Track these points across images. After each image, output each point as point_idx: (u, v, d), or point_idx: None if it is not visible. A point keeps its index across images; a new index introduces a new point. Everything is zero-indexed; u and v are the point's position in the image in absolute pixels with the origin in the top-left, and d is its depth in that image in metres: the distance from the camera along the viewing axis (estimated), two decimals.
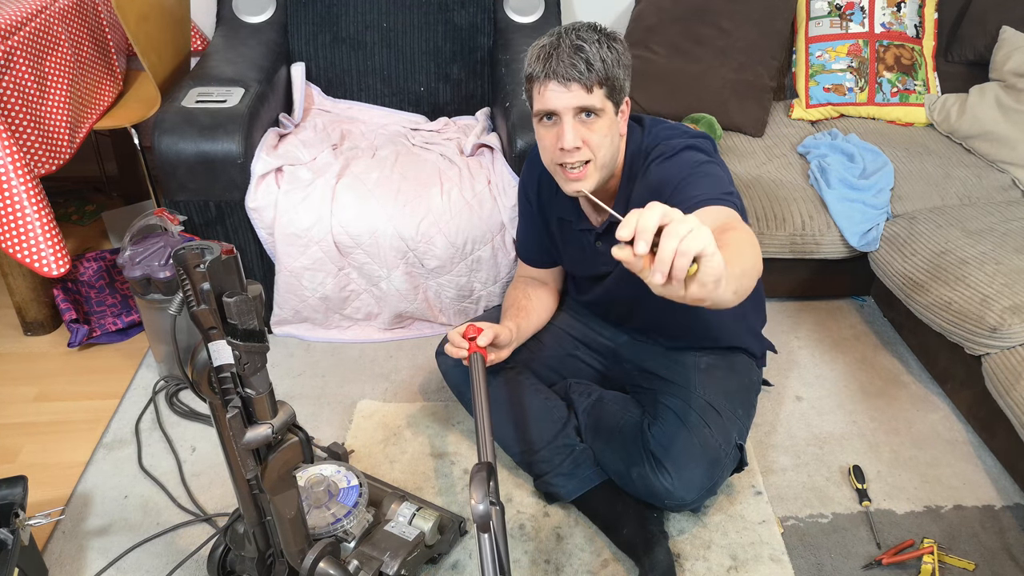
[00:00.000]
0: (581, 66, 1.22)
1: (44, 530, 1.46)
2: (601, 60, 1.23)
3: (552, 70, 1.23)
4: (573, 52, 1.22)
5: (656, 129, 1.39)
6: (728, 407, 1.46)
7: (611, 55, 1.24)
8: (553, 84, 1.24)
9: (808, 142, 2.23)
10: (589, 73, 1.22)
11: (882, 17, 2.35)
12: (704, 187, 1.23)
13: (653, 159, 1.33)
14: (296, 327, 2.01)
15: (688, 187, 1.25)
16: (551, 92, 1.25)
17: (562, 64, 1.22)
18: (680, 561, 1.43)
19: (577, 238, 1.49)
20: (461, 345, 1.44)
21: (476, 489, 1.09)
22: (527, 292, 1.62)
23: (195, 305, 0.93)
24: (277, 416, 1.03)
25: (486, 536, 1.11)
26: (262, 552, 1.21)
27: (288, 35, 2.28)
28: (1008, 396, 1.54)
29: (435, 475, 1.61)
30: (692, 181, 1.25)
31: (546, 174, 1.46)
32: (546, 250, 1.60)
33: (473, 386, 1.36)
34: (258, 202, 1.83)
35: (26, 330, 2.00)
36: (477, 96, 2.35)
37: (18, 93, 1.72)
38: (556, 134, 1.28)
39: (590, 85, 1.23)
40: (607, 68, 1.24)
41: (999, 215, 1.93)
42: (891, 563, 1.44)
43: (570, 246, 1.54)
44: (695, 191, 1.23)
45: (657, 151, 1.34)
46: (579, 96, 1.24)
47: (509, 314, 1.58)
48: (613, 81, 1.25)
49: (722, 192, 1.22)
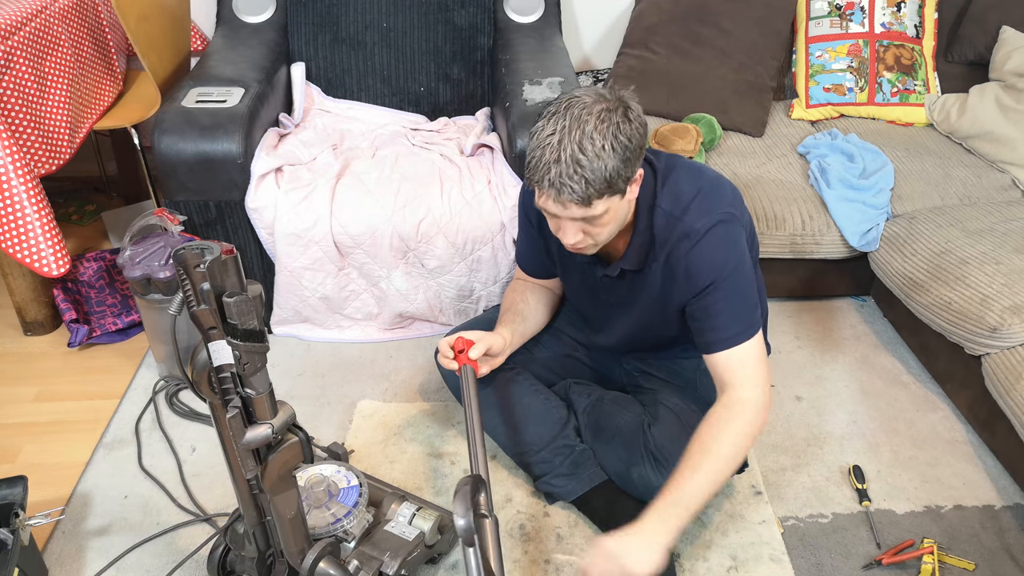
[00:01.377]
0: (579, 185, 1.13)
1: (44, 530, 1.46)
2: (604, 172, 1.13)
3: (550, 183, 1.14)
4: (574, 170, 1.12)
5: (671, 179, 1.32)
6: None
7: (616, 158, 1.13)
8: (551, 197, 1.16)
9: (808, 142, 2.23)
10: (588, 191, 1.13)
11: (882, 17, 2.35)
12: (731, 316, 1.29)
13: (679, 239, 1.28)
14: (296, 327, 2.01)
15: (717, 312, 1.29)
16: (549, 203, 1.18)
17: (560, 182, 1.13)
18: (680, 561, 1.43)
19: (579, 267, 1.46)
20: (449, 355, 1.44)
21: (459, 503, 1.08)
22: (525, 296, 1.60)
23: (195, 305, 0.93)
24: (277, 416, 1.03)
25: (471, 550, 1.10)
26: (262, 552, 1.21)
27: (288, 35, 2.28)
28: (1008, 396, 1.54)
29: (435, 475, 1.61)
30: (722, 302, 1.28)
31: None
32: (544, 266, 1.57)
33: (464, 399, 1.35)
34: (258, 202, 1.83)
35: (26, 330, 2.00)
36: (477, 96, 2.35)
37: (18, 93, 1.72)
38: (557, 225, 1.24)
39: (588, 201, 1.15)
40: (610, 178, 1.14)
41: (999, 215, 1.93)
42: (891, 563, 1.44)
43: (571, 272, 1.51)
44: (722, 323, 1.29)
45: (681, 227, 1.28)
46: (577, 211, 1.17)
47: (505, 319, 1.56)
48: (618, 184, 1.16)
49: (747, 320, 1.30)
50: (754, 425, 1.28)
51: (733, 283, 1.28)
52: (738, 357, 1.30)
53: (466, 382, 1.38)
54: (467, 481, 1.12)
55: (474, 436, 1.28)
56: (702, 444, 1.26)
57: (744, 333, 1.30)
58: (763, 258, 1.99)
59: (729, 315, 1.29)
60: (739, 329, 1.30)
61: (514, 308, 1.58)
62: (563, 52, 2.24)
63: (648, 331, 1.44)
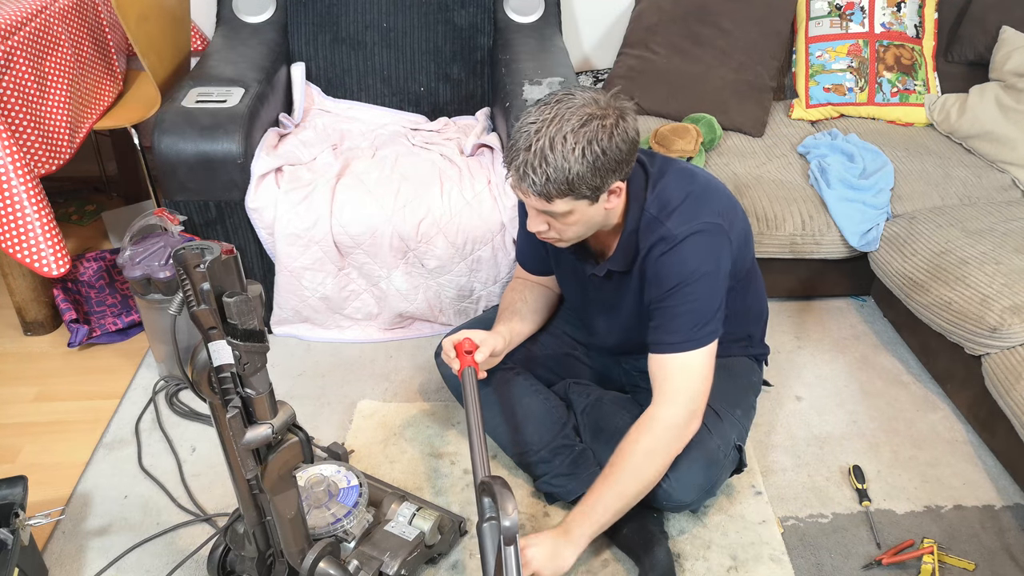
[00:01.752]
0: (540, 179, 1.15)
1: (44, 530, 1.46)
2: (566, 173, 1.14)
3: (515, 169, 1.18)
4: (539, 162, 1.14)
5: (663, 183, 1.31)
6: (727, 409, 1.45)
7: (583, 165, 1.14)
8: (514, 182, 1.20)
9: (808, 142, 2.23)
10: (547, 187, 1.15)
11: (882, 17, 2.35)
12: (681, 323, 1.29)
13: (656, 242, 1.29)
14: (296, 327, 2.01)
15: (669, 315, 1.29)
16: (518, 190, 1.22)
17: (522, 170, 1.16)
18: (680, 561, 1.43)
19: (570, 261, 1.47)
20: (452, 355, 1.44)
21: (508, 500, 1.07)
22: (523, 295, 1.61)
23: (195, 305, 0.93)
24: (277, 416, 1.03)
25: (512, 549, 1.08)
26: (262, 552, 1.21)
27: (288, 35, 2.28)
28: (1008, 396, 1.54)
29: (435, 475, 1.61)
30: (678, 307, 1.28)
31: None
32: (542, 261, 1.59)
33: (466, 402, 1.34)
34: (258, 202, 1.83)
35: (26, 330, 2.00)
36: (477, 96, 2.35)
37: (18, 93, 1.72)
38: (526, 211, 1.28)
39: (549, 198, 1.17)
40: (572, 181, 1.15)
41: (999, 215, 1.93)
42: (891, 563, 1.44)
43: (563, 265, 1.53)
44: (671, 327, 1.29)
45: (661, 231, 1.28)
46: (537, 203, 1.20)
47: (503, 317, 1.57)
48: (581, 189, 1.17)
49: (696, 332, 1.29)
50: (665, 443, 1.31)
51: (694, 291, 1.28)
52: (674, 365, 1.30)
53: (467, 385, 1.38)
54: (499, 481, 1.11)
55: (475, 438, 1.28)
56: (619, 456, 1.31)
57: (687, 343, 1.29)
58: (763, 258, 1.99)
59: (679, 321, 1.29)
60: (684, 337, 1.29)
61: (513, 307, 1.58)
62: (563, 52, 2.24)
63: (637, 333, 1.44)
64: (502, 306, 1.61)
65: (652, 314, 1.33)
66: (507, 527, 1.06)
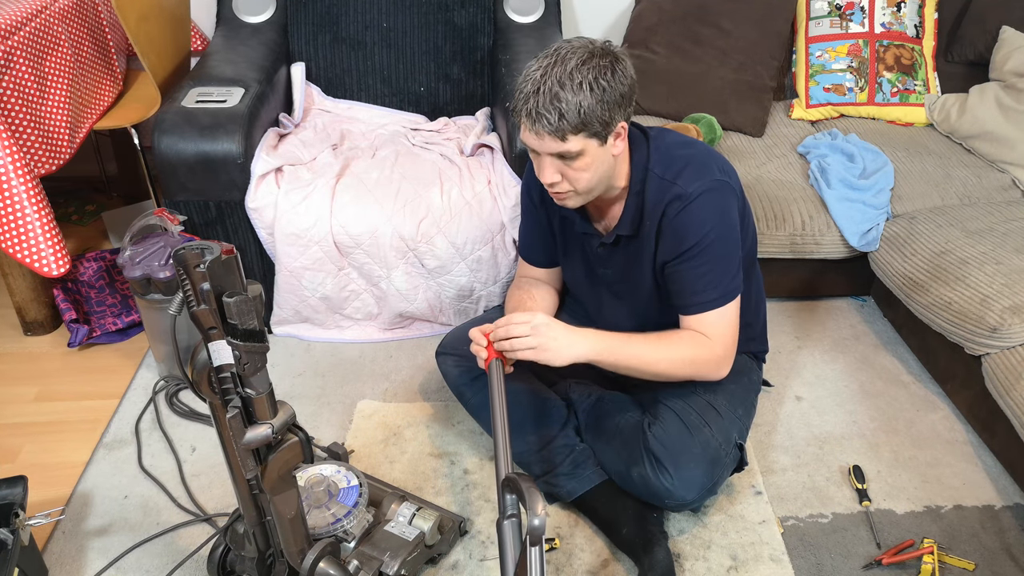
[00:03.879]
0: (553, 117, 1.18)
1: (44, 530, 1.46)
2: (578, 107, 1.18)
3: (527, 113, 1.21)
4: (550, 101, 1.18)
5: (663, 145, 1.36)
6: (728, 407, 1.46)
7: (593, 97, 1.19)
8: (527, 127, 1.23)
9: (808, 142, 2.23)
10: (561, 123, 1.19)
11: (882, 17, 2.35)
12: (711, 281, 1.33)
13: (671, 201, 1.31)
14: (296, 327, 2.01)
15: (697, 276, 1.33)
16: (527, 134, 1.24)
17: (536, 112, 1.19)
18: (680, 561, 1.43)
19: (577, 239, 1.49)
20: (483, 344, 1.39)
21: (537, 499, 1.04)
22: (531, 293, 1.61)
23: (195, 305, 0.93)
24: (277, 416, 1.03)
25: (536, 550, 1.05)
26: (262, 552, 1.21)
27: (288, 35, 2.28)
28: (1008, 396, 1.54)
29: (435, 475, 1.61)
30: (703, 266, 1.32)
31: None
32: (548, 250, 1.59)
33: (492, 395, 1.32)
34: (258, 202, 1.83)
35: (26, 330, 2.00)
36: (477, 96, 2.35)
37: (18, 93, 1.72)
38: (538, 163, 1.28)
39: (563, 135, 1.20)
40: (584, 115, 1.19)
41: (999, 215, 1.93)
42: (891, 563, 1.44)
43: (570, 246, 1.53)
44: (701, 287, 1.34)
45: (674, 190, 1.31)
46: (554, 144, 1.22)
47: None
48: (593, 124, 1.21)
49: (726, 286, 1.34)
50: (704, 363, 1.37)
51: (716, 248, 1.32)
52: (710, 320, 1.36)
53: (494, 377, 1.35)
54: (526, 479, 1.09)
55: (500, 431, 1.27)
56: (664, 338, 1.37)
57: (721, 299, 1.35)
58: (763, 258, 1.99)
59: (708, 280, 1.34)
60: (717, 295, 1.34)
61: (522, 306, 1.57)
62: None
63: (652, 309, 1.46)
64: (511, 305, 1.60)
65: (676, 276, 1.36)
66: (535, 526, 1.03)
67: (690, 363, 1.37)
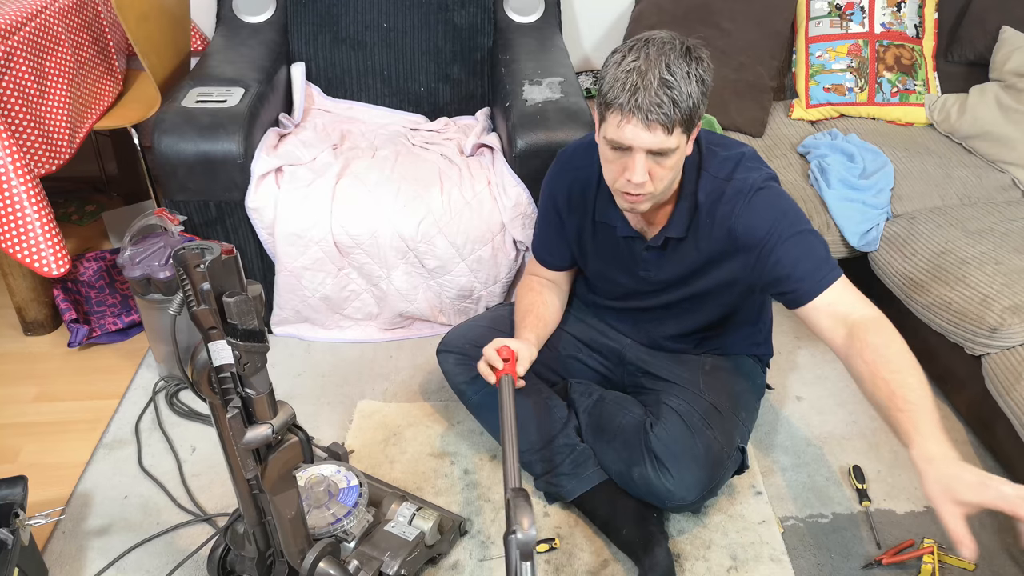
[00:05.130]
0: (668, 107, 1.13)
1: (44, 530, 1.46)
2: (688, 97, 1.15)
3: (637, 106, 1.14)
4: (661, 88, 1.13)
5: (713, 143, 1.36)
6: (731, 409, 1.46)
7: (698, 89, 1.16)
8: (635, 121, 1.15)
9: (808, 142, 2.23)
10: (675, 113, 1.14)
11: (882, 17, 2.35)
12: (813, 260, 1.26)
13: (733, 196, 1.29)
14: (296, 327, 2.01)
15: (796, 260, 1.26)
16: (630, 128, 1.16)
17: (648, 102, 1.13)
18: (680, 561, 1.43)
19: (617, 244, 1.45)
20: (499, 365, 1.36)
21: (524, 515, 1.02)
22: (543, 297, 1.58)
23: (195, 305, 0.93)
24: (277, 416, 1.03)
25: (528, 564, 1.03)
26: (262, 552, 1.21)
27: (288, 35, 2.28)
28: (1008, 396, 1.54)
29: (435, 475, 1.61)
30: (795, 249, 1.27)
31: (580, 180, 1.44)
32: (565, 255, 1.56)
33: (502, 411, 1.28)
34: (258, 202, 1.83)
35: (26, 330, 2.00)
36: (477, 96, 2.35)
37: (18, 93, 1.72)
38: (623, 165, 1.22)
39: (671, 127, 1.15)
40: (692, 106, 1.16)
41: (999, 215, 1.93)
42: (891, 563, 1.44)
43: (605, 250, 1.49)
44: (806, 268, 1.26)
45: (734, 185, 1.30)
46: (658, 139, 1.16)
47: (528, 322, 1.51)
48: (695, 117, 1.18)
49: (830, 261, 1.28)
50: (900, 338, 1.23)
51: (797, 230, 1.28)
52: (837, 292, 1.26)
53: (504, 393, 1.31)
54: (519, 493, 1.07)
55: (508, 447, 1.20)
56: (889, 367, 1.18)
57: (832, 273, 1.27)
58: None
59: (809, 260, 1.27)
60: (827, 270, 1.27)
61: (535, 311, 1.54)
62: (563, 52, 2.24)
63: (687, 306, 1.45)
64: (523, 308, 1.56)
65: (768, 273, 1.29)
66: (522, 541, 1.02)
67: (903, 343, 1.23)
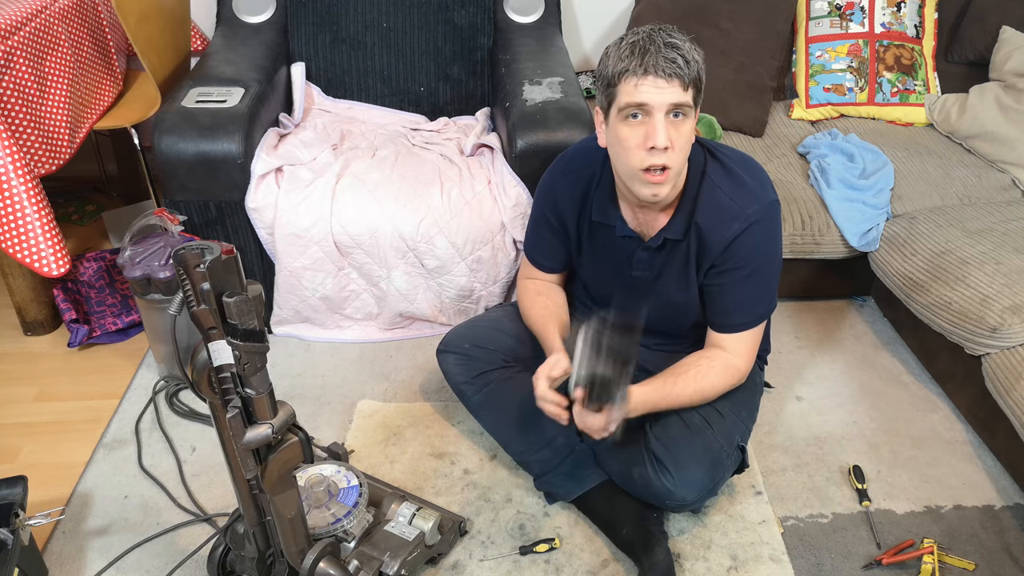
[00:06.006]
0: (679, 62, 1.20)
1: (44, 530, 1.46)
2: (694, 60, 1.22)
3: (651, 64, 1.20)
4: (669, 48, 1.20)
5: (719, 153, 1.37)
6: (731, 409, 1.45)
7: (699, 57, 1.24)
8: (651, 79, 1.20)
9: (808, 142, 2.23)
10: (687, 68, 1.20)
11: (882, 17, 2.35)
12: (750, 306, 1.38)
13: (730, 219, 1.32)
14: (296, 327, 2.01)
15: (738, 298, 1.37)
16: (647, 87, 1.20)
17: (661, 59, 1.19)
18: (680, 561, 1.43)
19: (614, 244, 1.45)
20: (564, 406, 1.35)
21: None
22: (554, 300, 1.56)
23: (195, 305, 0.93)
24: (277, 416, 1.03)
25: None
26: (262, 552, 1.21)
27: (288, 35, 2.28)
28: (1008, 396, 1.54)
29: (435, 475, 1.61)
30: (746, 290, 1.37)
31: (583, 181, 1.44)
32: (562, 257, 1.56)
33: None
34: (258, 202, 1.83)
35: (26, 330, 2.00)
36: (477, 96, 2.35)
37: (18, 93, 1.72)
38: (644, 133, 1.23)
39: (686, 83, 1.21)
40: (699, 70, 1.23)
41: (999, 215, 1.93)
42: (891, 563, 1.44)
43: (601, 250, 1.49)
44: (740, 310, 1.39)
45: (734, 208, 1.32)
46: (676, 93, 1.21)
47: (549, 329, 1.49)
48: (700, 83, 1.24)
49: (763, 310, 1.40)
50: (731, 386, 1.42)
51: (762, 274, 1.36)
52: (740, 337, 1.40)
53: None
54: None
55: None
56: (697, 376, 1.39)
57: (756, 320, 1.40)
58: None
59: (750, 302, 1.38)
60: (754, 317, 1.39)
61: (553, 315, 1.52)
62: (563, 52, 2.24)
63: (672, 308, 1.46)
64: (541, 316, 1.52)
65: (718, 292, 1.39)
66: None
67: (720, 390, 1.42)
